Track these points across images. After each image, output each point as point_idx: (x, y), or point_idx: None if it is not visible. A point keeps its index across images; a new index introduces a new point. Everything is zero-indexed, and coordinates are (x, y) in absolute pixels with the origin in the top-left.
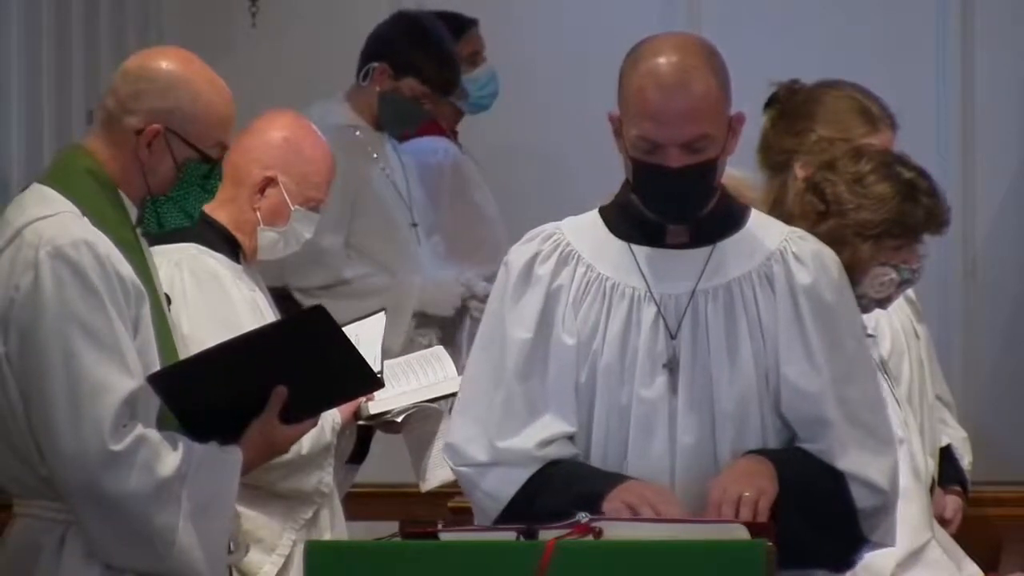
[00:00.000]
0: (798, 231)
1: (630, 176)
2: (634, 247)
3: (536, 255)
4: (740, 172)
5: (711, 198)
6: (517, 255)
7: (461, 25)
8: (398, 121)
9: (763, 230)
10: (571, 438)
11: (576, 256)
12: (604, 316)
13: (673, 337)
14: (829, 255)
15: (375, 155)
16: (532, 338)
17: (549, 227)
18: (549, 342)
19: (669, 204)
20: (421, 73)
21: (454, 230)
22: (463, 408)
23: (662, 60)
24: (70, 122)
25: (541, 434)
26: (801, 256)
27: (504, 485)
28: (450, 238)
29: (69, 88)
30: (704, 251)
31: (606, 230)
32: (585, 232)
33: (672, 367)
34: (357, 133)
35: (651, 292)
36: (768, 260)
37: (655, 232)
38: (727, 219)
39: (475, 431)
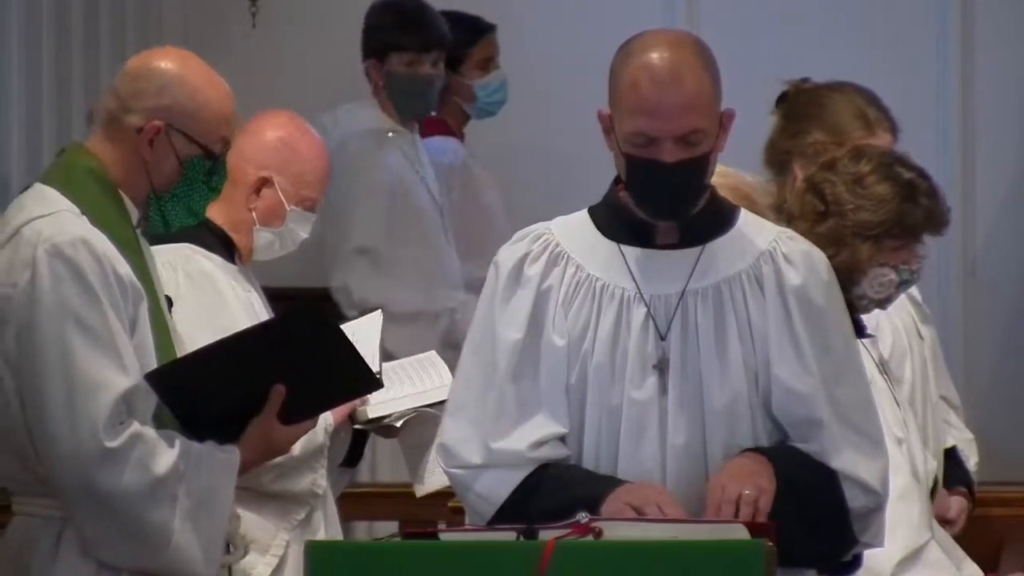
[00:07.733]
0: (788, 231)
1: (623, 173)
2: (623, 247)
3: (526, 255)
4: (752, 177)
5: (703, 195)
6: (507, 255)
7: (479, 29)
8: (412, 100)
9: (753, 230)
10: (563, 439)
11: (566, 256)
12: (594, 317)
13: (663, 338)
14: (819, 256)
15: (409, 157)
16: (523, 339)
17: (539, 227)
18: (540, 343)
19: (663, 200)
20: (395, 42)
21: (460, 229)
22: (456, 409)
23: (655, 55)
24: (70, 122)
25: (534, 435)
26: (791, 257)
27: (498, 487)
28: (456, 237)
29: (69, 88)
30: (694, 251)
31: (596, 230)
32: (575, 232)
33: (662, 368)
34: (390, 135)
35: (641, 293)
36: (758, 261)
37: (644, 232)
38: (717, 219)
39: (468, 432)
